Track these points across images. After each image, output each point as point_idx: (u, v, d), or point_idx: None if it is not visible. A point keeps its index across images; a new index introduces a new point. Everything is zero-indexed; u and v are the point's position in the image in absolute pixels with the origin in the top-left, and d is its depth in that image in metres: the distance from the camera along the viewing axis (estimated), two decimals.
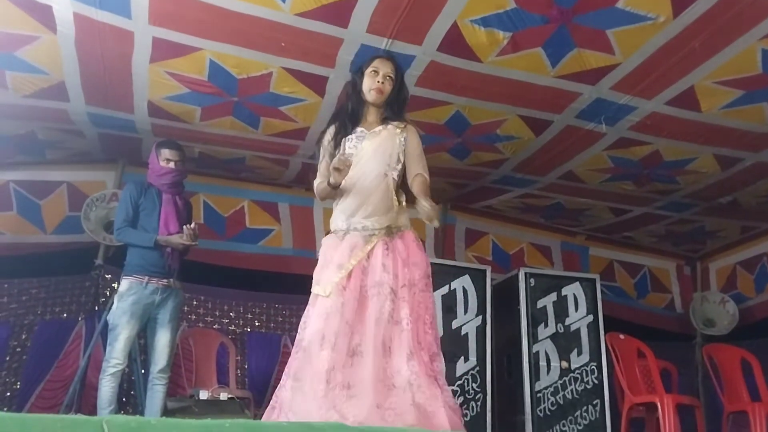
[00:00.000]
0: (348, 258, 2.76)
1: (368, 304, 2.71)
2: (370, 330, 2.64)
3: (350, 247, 2.80)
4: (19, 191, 5.51)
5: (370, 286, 2.74)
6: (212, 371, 5.47)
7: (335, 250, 2.82)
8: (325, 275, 2.77)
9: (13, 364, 5.18)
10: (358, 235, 2.84)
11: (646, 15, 3.46)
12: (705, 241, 7.17)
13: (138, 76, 4.27)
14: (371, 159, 2.93)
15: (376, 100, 3.02)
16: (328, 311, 2.65)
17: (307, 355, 2.61)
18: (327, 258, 2.84)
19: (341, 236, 2.87)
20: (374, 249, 2.80)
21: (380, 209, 2.88)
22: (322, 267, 2.84)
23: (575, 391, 5.38)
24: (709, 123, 4.48)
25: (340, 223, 2.90)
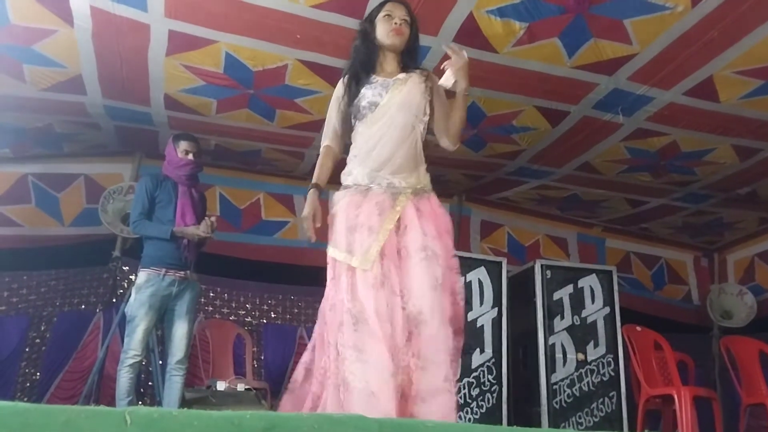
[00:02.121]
0: (378, 220, 2.48)
1: (417, 270, 2.45)
2: (428, 297, 2.40)
3: (377, 206, 2.51)
4: (37, 184, 5.57)
5: (414, 249, 2.47)
6: (229, 362, 5.51)
7: (358, 209, 2.52)
8: (357, 240, 2.46)
9: (32, 356, 5.25)
10: (382, 192, 2.55)
11: (663, 4, 3.43)
12: (723, 233, 7.12)
13: (154, 69, 4.29)
14: (399, 109, 2.63)
15: (395, 44, 2.70)
16: (373, 283, 2.39)
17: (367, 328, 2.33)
18: (350, 218, 2.51)
19: (362, 192, 2.56)
20: (405, 210, 2.54)
21: (408, 165, 2.61)
22: (347, 229, 2.50)
23: (591, 383, 5.37)
24: (727, 113, 4.44)
25: (361, 177, 2.59)
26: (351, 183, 2.61)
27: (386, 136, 2.60)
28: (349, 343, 2.33)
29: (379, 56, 2.74)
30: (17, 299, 5.30)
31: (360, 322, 2.34)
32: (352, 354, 2.30)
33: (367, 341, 2.31)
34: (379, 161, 2.59)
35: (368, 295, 2.38)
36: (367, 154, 2.61)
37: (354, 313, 2.36)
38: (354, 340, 2.33)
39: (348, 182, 2.62)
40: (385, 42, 2.70)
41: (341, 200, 2.58)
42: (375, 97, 2.64)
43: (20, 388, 5.12)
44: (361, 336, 2.33)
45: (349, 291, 2.41)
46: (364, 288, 2.40)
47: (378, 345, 2.30)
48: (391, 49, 2.73)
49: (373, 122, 2.63)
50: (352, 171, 2.63)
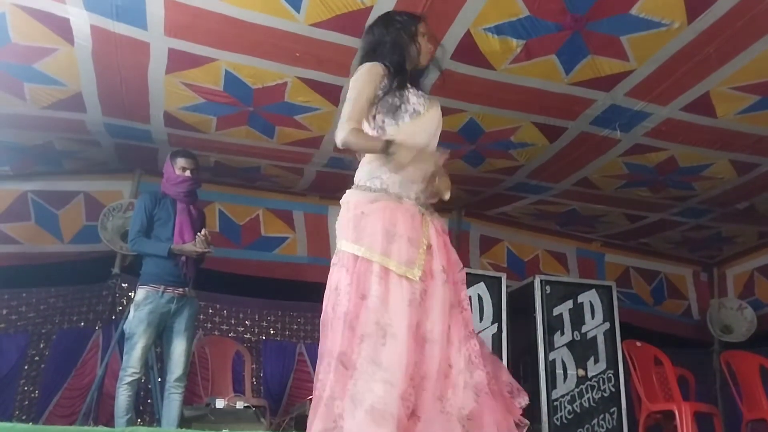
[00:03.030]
0: (415, 233, 2.42)
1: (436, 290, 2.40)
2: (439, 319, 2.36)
3: (411, 218, 2.44)
4: (37, 201, 5.57)
5: (436, 272, 2.42)
6: (228, 380, 5.48)
7: (396, 216, 2.42)
8: (395, 249, 2.36)
9: (31, 373, 5.23)
10: (413, 205, 2.49)
11: (660, 21, 3.46)
12: (722, 247, 7.12)
13: (154, 87, 4.31)
14: (437, 131, 2.65)
15: (424, 65, 2.75)
16: (413, 297, 2.32)
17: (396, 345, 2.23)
18: (387, 224, 2.40)
19: (396, 201, 2.47)
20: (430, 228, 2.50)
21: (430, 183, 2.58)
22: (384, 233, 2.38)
23: (592, 399, 5.35)
24: (724, 128, 4.46)
25: (392, 185, 2.49)
26: (379, 187, 2.49)
27: (424, 153, 2.53)
28: (372, 357, 2.21)
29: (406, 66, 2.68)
30: (16, 317, 5.29)
31: (389, 336, 2.24)
32: (374, 371, 2.19)
33: (391, 358, 2.21)
34: (416, 175, 2.52)
35: (405, 310, 2.29)
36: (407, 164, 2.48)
37: (383, 325, 2.25)
38: (377, 355, 2.21)
39: (375, 185, 2.50)
40: (422, 61, 2.72)
41: (375, 202, 2.45)
42: (419, 106, 2.60)
43: (19, 407, 5.10)
44: (386, 352, 2.22)
45: (383, 300, 2.30)
46: (401, 302, 2.30)
47: (401, 364, 2.21)
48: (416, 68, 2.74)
49: (414, 130, 2.56)
50: (381, 176, 2.51)
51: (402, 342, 2.24)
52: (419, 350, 2.30)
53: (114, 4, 3.50)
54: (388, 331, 2.25)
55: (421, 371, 2.29)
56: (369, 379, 2.18)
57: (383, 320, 2.26)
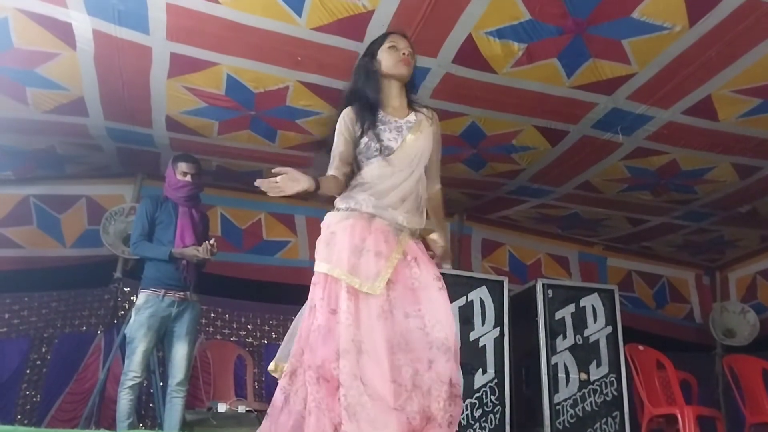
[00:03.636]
0: (386, 246, 2.42)
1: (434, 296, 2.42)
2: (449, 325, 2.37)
3: (382, 234, 2.45)
4: (38, 205, 5.58)
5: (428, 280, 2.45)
6: (230, 384, 5.48)
7: (364, 233, 2.44)
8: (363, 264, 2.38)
9: (33, 377, 5.23)
10: (386, 225, 2.49)
11: (661, 25, 3.46)
12: (724, 251, 7.11)
13: (156, 91, 4.32)
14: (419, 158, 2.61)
15: (404, 74, 2.67)
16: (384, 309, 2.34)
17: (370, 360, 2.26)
18: (355, 240, 2.42)
19: (367, 219, 2.48)
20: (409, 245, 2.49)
21: (413, 208, 2.56)
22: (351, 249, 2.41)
23: (594, 403, 5.33)
24: (726, 132, 4.46)
25: (365, 206, 2.49)
26: (353, 206, 2.51)
27: (403, 185, 2.55)
28: (353, 372, 2.23)
29: (384, 89, 2.67)
30: (18, 321, 5.29)
31: (363, 353, 2.26)
32: (358, 386, 2.21)
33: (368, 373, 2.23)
34: (390, 202, 2.52)
35: (376, 326, 2.30)
36: (378, 192, 2.52)
37: (357, 341, 2.27)
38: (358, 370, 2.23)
39: (349, 205, 2.52)
40: (394, 72, 2.66)
41: (344, 221, 2.49)
42: (390, 142, 2.58)
43: (21, 411, 5.09)
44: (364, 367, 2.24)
45: (355, 317, 2.32)
46: (369, 318, 2.32)
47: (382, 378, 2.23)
48: (399, 79, 2.69)
49: (388, 165, 2.55)
50: (356, 197, 2.53)
51: (378, 357, 2.26)
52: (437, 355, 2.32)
53: (116, 8, 3.51)
54: (361, 347, 2.27)
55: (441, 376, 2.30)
56: (357, 394, 2.21)
57: (356, 337, 2.28)
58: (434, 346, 2.33)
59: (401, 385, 2.25)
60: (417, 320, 2.36)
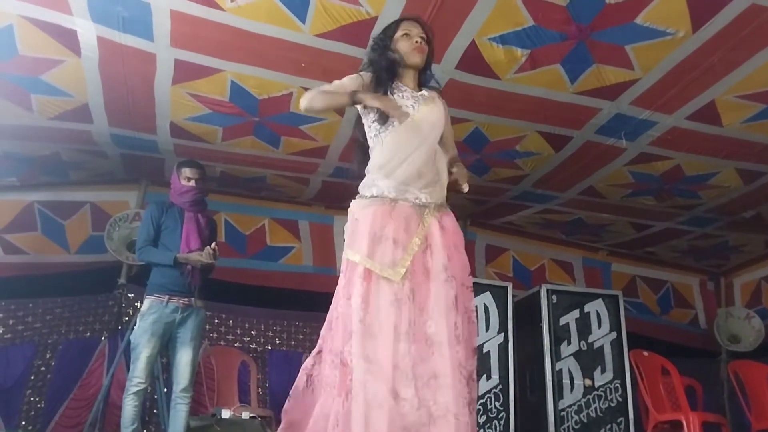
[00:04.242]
0: (405, 235, 2.46)
1: (437, 288, 2.43)
2: (443, 317, 2.39)
3: (405, 221, 2.48)
4: (43, 211, 5.59)
5: (436, 270, 2.46)
6: (234, 390, 5.48)
7: (384, 220, 2.47)
8: (379, 251, 2.42)
9: (37, 383, 5.23)
10: (410, 207, 2.52)
11: (665, 30, 3.46)
12: (728, 256, 7.09)
13: (160, 98, 4.34)
14: (433, 128, 2.64)
15: (417, 62, 2.69)
16: (398, 297, 2.36)
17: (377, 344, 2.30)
18: (375, 227, 2.46)
19: (389, 204, 2.51)
20: (431, 227, 2.52)
21: (433, 180, 2.58)
22: (371, 237, 2.44)
23: (599, 409, 5.32)
24: (730, 137, 4.45)
25: (387, 190, 2.53)
26: (376, 194, 2.54)
27: (417, 152, 2.56)
28: (360, 352, 2.29)
29: (399, 75, 2.70)
30: (23, 327, 5.30)
31: (370, 336, 2.31)
32: (363, 365, 2.27)
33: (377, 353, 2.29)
34: (409, 176, 2.53)
35: (386, 311, 2.34)
36: (394, 167, 2.54)
37: (367, 324, 2.32)
38: (364, 349, 2.29)
39: (372, 193, 2.55)
40: (408, 61, 2.68)
41: (366, 208, 2.52)
42: (407, 108, 2.59)
43: (25, 417, 5.10)
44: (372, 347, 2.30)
45: (365, 300, 2.36)
46: (379, 303, 2.36)
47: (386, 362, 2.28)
48: (413, 67, 2.71)
49: (404, 134, 2.57)
50: (377, 182, 2.56)
51: (384, 342, 2.30)
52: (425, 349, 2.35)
53: (120, 15, 3.52)
54: (369, 330, 2.32)
55: (428, 370, 2.32)
56: (361, 372, 2.27)
57: (366, 320, 2.34)
58: (428, 340, 2.37)
59: (403, 371, 2.28)
60: (424, 314, 2.40)
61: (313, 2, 3.41)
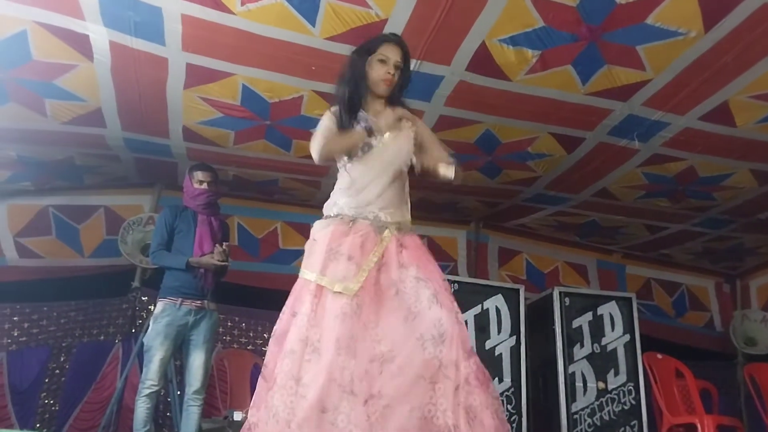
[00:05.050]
0: (360, 251, 2.47)
1: (390, 304, 2.42)
2: (399, 332, 2.36)
3: (361, 238, 2.50)
4: (57, 216, 5.64)
5: (386, 286, 2.45)
6: (246, 392, 5.47)
7: (341, 239, 2.49)
8: (331, 267, 2.44)
9: (52, 386, 5.28)
10: (368, 225, 2.54)
11: (676, 30, 3.44)
12: (744, 258, 7.03)
13: (172, 102, 4.36)
14: (395, 157, 2.67)
15: (382, 94, 2.72)
16: (343, 311, 2.35)
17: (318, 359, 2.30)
18: (331, 245, 2.48)
19: (347, 223, 2.54)
20: (389, 246, 2.52)
21: (394, 203, 2.63)
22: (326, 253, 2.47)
23: (612, 412, 5.28)
24: (744, 138, 4.41)
25: (347, 209, 2.58)
26: (336, 212, 2.60)
27: (378, 179, 2.62)
28: (293, 372, 2.30)
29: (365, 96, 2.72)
30: (37, 330, 5.35)
31: (314, 352, 2.32)
32: (292, 386, 2.28)
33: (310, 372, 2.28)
34: (369, 198, 2.60)
35: (331, 325, 2.34)
36: (357, 190, 2.61)
37: (312, 341, 2.33)
38: (298, 370, 2.30)
39: (332, 212, 2.61)
40: (375, 89, 2.70)
41: (325, 228, 2.57)
42: (368, 139, 2.64)
43: (40, 419, 5.15)
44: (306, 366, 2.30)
45: (312, 316, 2.38)
46: (330, 317, 2.36)
47: (320, 378, 2.25)
48: (378, 96, 2.74)
49: (366, 163, 2.64)
50: (338, 202, 2.63)
51: (326, 357, 2.29)
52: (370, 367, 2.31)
53: (132, 20, 3.54)
54: (315, 346, 2.33)
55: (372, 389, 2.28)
56: (286, 394, 2.27)
57: (312, 336, 2.34)
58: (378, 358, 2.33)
59: (340, 385, 2.26)
60: (372, 331, 2.38)
61: (322, 5, 3.42)
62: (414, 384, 2.29)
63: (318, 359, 2.30)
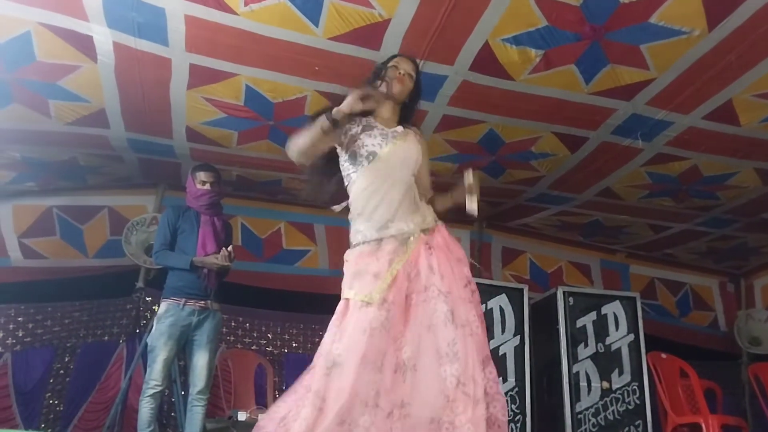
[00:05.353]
0: (387, 266, 2.50)
1: (416, 311, 2.46)
2: (423, 339, 2.40)
3: (389, 254, 2.54)
4: (61, 216, 5.65)
5: (416, 292, 2.49)
6: (250, 392, 5.49)
7: (370, 258, 2.54)
8: (358, 283, 2.50)
9: (56, 386, 5.28)
10: (395, 240, 2.57)
11: (680, 29, 3.43)
12: (748, 258, 7.01)
13: (176, 102, 4.36)
14: (402, 166, 2.71)
15: (395, 94, 2.79)
16: (371, 326, 2.37)
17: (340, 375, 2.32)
18: (360, 266, 2.54)
19: (374, 245, 2.58)
20: (417, 250, 2.57)
21: (408, 209, 2.65)
22: (354, 274, 2.54)
23: (617, 411, 5.28)
24: (748, 137, 4.40)
25: (370, 233, 2.61)
26: (361, 240, 2.62)
27: (389, 195, 2.64)
28: (315, 387, 2.33)
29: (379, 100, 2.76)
30: (42, 331, 5.35)
31: (336, 366, 2.33)
32: (314, 401, 2.30)
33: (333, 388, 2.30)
34: (386, 218, 2.61)
35: (357, 339, 2.36)
36: (371, 211, 2.62)
37: (334, 356, 2.36)
38: (321, 385, 2.32)
39: (358, 240, 2.63)
40: (388, 90, 2.78)
41: (353, 254, 2.62)
42: (374, 147, 2.67)
43: (44, 420, 5.15)
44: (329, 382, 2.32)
45: (337, 331, 2.43)
46: (354, 331, 2.38)
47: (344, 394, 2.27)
48: (391, 98, 2.80)
49: (373, 174, 2.66)
50: (359, 228, 2.65)
51: (350, 372, 2.30)
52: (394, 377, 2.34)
53: (136, 21, 3.55)
54: (337, 360, 2.35)
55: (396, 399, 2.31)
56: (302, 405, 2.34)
57: (335, 350, 2.38)
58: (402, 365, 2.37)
59: (363, 401, 2.28)
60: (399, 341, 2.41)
61: (326, 6, 3.42)
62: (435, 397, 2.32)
63: (340, 374, 2.31)
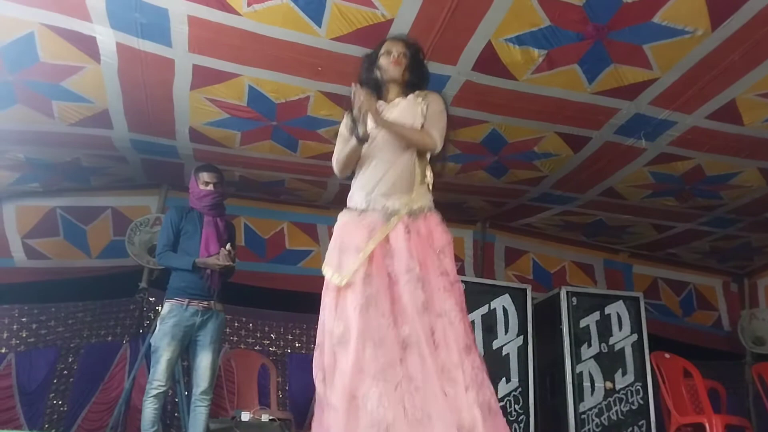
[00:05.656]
0: (366, 240, 2.55)
1: (402, 291, 2.47)
2: (414, 319, 2.41)
3: (369, 228, 2.58)
4: (65, 217, 5.66)
5: (400, 272, 2.50)
6: (254, 393, 5.49)
7: (354, 229, 2.61)
8: (345, 260, 2.55)
9: (60, 387, 5.29)
10: (378, 215, 2.62)
11: (683, 29, 3.42)
12: (752, 257, 7.00)
13: (179, 103, 4.37)
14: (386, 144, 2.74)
15: (394, 76, 2.82)
16: (359, 303, 2.42)
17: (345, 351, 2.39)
18: (345, 239, 2.62)
19: (359, 214, 2.66)
20: (395, 230, 2.58)
21: (401, 186, 2.68)
22: (340, 249, 2.60)
23: (620, 411, 5.28)
24: (752, 136, 4.40)
25: (359, 201, 2.70)
26: (350, 205, 2.75)
27: (376, 158, 2.74)
28: (318, 363, 2.47)
29: (383, 88, 2.86)
30: (45, 331, 5.36)
31: (341, 344, 2.42)
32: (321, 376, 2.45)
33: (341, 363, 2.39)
34: (373, 181, 2.69)
35: (352, 317, 2.43)
36: (362, 176, 2.75)
37: (336, 335, 2.44)
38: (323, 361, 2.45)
39: (350, 205, 2.76)
40: (386, 76, 2.83)
41: (339, 220, 2.73)
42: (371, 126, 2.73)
43: (48, 420, 5.15)
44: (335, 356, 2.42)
45: (334, 310, 2.50)
46: (347, 309, 2.46)
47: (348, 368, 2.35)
48: (392, 81, 2.85)
49: (369, 152, 2.75)
50: (353, 195, 2.77)
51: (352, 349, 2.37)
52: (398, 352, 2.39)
53: (139, 22, 3.55)
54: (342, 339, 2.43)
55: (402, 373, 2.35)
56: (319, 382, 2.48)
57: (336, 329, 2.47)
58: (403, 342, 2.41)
59: (369, 374, 2.33)
60: (394, 317, 2.44)
61: (328, 6, 3.42)
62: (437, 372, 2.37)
63: (345, 351, 2.39)
